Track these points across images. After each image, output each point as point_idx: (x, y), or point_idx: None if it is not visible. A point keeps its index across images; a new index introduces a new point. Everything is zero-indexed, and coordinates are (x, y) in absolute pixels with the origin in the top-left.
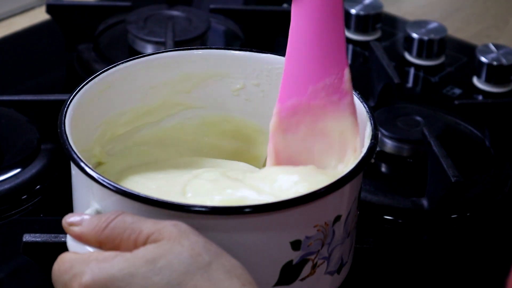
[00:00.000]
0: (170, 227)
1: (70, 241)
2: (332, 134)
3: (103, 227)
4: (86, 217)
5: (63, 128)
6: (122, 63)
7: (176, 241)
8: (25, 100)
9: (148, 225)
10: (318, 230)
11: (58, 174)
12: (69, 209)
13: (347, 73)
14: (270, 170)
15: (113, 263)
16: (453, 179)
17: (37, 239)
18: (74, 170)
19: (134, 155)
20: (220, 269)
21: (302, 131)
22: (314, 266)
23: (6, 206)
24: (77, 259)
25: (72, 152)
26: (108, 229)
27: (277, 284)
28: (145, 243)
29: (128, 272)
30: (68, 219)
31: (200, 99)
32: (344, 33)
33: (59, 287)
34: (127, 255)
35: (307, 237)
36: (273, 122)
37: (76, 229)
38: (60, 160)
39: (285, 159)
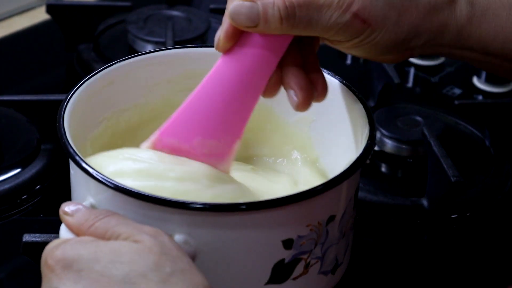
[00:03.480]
0: (146, 235)
1: (62, 233)
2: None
3: (90, 224)
4: (80, 207)
5: (61, 122)
6: (125, 59)
7: (147, 246)
8: (25, 100)
9: (128, 229)
10: (311, 230)
11: (58, 174)
12: None
13: (236, 145)
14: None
15: (85, 245)
16: (453, 179)
17: (37, 239)
18: (72, 169)
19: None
20: (180, 283)
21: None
22: (307, 266)
23: (6, 206)
24: (60, 241)
25: (69, 147)
26: (93, 227)
27: (268, 282)
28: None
29: (93, 257)
30: (64, 207)
31: None
32: (253, 107)
33: (42, 267)
34: (101, 242)
35: (299, 236)
36: (144, 146)
37: (68, 219)
38: (60, 160)
39: None
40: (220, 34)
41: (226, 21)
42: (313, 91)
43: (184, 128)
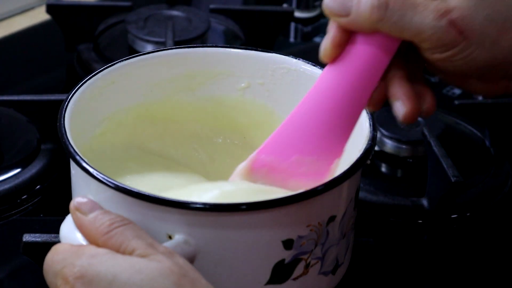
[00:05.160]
0: (163, 255)
1: (63, 232)
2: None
3: (104, 232)
4: (96, 207)
5: (62, 122)
6: (126, 59)
7: (167, 266)
8: (25, 100)
9: (143, 246)
10: (311, 230)
11: (58, 174)
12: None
13: (336, 163)
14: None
15: (102, 260)
16: (453, 179)
17: (37, 239)
18: (73, 169)
19: (136, 152)
20: None
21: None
22: (307, 266)
23: (6, 206)
24: (70, 251)
25: (70, 147)
26: (107, 235)
27: (268, 282)
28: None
29: (112, 272)
30: (77, 201)
31: (204, 97)
32: (355, 124)
33: (50, 276)
34: (119, 256)
35: (299, 237)
36: (244, 167)
37: (81, 217)
38: (60, 160)
39: None
40: (327, 42)
41: (332, 27)
42: (421, 102)
43: (283, 145)
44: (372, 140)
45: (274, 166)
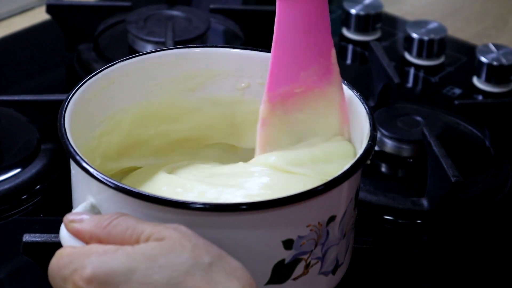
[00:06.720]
0: (171, 230)
1: (64, 233)
2: (321, 108)
3: (105, 224)
4: (86, 216)
5: (62, 122)
6: (126, 59)
7: (177, 242)
8: (25, 100)
9: (150, 226)
10: (311, 230)
11: (58, 174)
12: (69, 209)
13: (333, 53)
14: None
15: (114, 256)
16: (453, 179)
17: (37, 239)
18: (73, 169)
19: (136, 151)
20: (221, 271)
21: (292, 114)
22: (307, 266)
23: (6, 206)
24: (77, 252)
25: (70, 147)
26: (110, 226)
27: (269, 282)
28: (147, 241)
29: (129, 267)
30: (70, 216)
31: (204, 97)
32: (328, 12)
33: (58, 282)
34: (128, 249)
35: (299, 237)
36: (264, 109)
37: (76, 225)
38: (60, 160)
39: (273, 145)
40: None
41: None
42: None
43: (285, 72)
44: (372, 140)
45: (288, 92)
